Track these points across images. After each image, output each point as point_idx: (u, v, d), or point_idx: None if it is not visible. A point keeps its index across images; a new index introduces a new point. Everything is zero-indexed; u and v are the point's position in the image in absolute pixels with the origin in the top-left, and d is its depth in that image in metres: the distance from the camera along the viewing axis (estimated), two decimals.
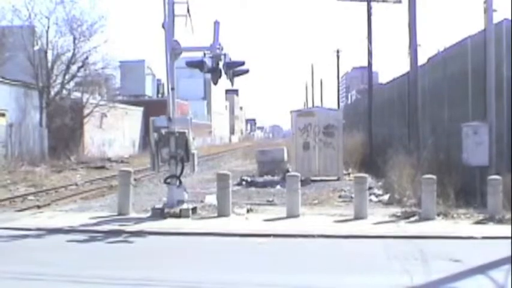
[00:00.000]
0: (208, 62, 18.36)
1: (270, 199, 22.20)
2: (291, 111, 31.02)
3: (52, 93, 50.48)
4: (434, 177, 17.24)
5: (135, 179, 25.31)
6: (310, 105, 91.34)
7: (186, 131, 18.39)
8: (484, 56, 19.97)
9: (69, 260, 12.24)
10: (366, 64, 39.58)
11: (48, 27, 51.37)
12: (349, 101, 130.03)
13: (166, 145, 18.28)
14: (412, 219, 16.94)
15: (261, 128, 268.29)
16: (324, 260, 12.27)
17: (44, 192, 27.81)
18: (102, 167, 43.84)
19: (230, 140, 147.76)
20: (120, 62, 68.66)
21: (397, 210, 18.21)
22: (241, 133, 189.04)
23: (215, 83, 19.23)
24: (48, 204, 23.33)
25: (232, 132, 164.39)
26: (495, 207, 16.72)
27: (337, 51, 73.60)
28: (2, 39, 50.16)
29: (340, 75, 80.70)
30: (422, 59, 27.64)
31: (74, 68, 53.22)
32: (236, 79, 19.10)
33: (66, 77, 52.35)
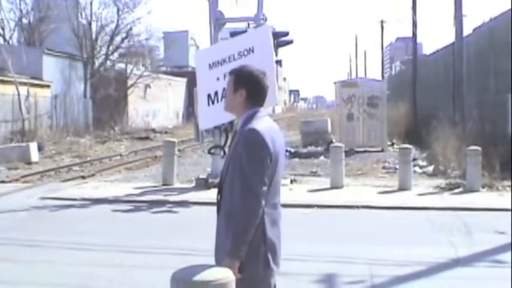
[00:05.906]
0: None
1: (314, 170, 22.14)
2: (335, 82, 30.92)
3: (96, 64, 51.01)
4: (479, 148, 17.00)
5: (179, 150, 25.49)
6: (353, 76, 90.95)
7: None
8: None
9: (115, 230, 12.42)
10: (410, 35, 39.22)
11: None
12: (393, 72, 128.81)
13: None
14: (457, 190, 16.82)
15: (305, 99, 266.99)
16: (368, 231, 12.25)
17: (89, 162, 28.14)
18: (147, 138, 44.04)
19: (273, 110, 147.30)
20: (164, 33, 69.08)
21: (441, 181, 18.08)
22: (285, 104, 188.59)
23: None
24: (93, 175, 23.58)
25: None
26: None
27: (381, 22, 73.12)
28: (47, 11, 50.72)
29: (384, 46, 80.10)
30: (467, 30, 27.30)
31: (117, 39, 53.77)
32: (280, 50, 18.95)
33: (110, 48, 52.91)
